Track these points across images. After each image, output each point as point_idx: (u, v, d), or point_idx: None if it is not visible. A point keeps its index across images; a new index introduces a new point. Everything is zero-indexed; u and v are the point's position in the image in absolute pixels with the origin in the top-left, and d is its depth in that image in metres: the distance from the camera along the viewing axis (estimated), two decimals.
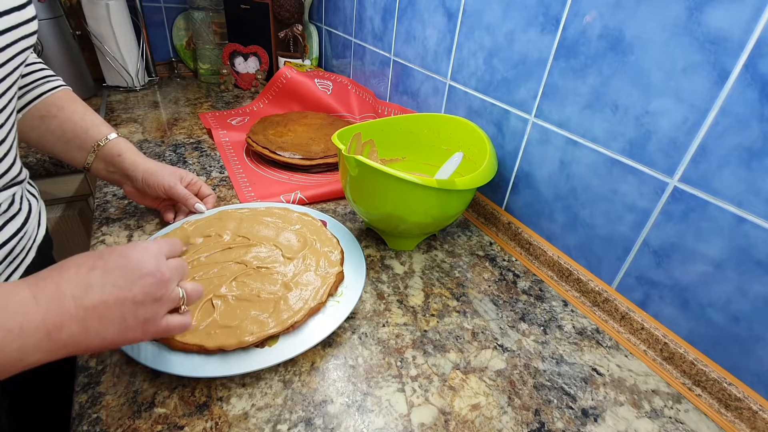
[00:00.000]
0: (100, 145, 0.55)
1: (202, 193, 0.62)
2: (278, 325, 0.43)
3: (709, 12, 0.39)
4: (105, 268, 0.30)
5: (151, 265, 0.32)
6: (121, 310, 0.30)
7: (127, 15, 1.05)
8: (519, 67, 0.60)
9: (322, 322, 0.45)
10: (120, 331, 0.30)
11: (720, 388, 0.43)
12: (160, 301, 0.32)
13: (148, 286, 0.31)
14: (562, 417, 0.41)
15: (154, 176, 0.56)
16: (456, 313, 0.52)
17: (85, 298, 0.28)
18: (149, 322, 0.32)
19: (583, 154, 0.53)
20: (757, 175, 0.38)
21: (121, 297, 0.30)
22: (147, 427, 0.36)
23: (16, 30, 0.36)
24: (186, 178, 0.60)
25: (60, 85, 0.55)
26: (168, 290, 0.33)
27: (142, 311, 0.31)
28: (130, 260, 0.31)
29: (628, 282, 0.51)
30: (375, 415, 0.39)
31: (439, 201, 0.53)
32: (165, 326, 0.33)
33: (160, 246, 0.35)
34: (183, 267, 0.36)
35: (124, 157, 0.56)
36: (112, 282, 0.30)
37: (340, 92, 1.00)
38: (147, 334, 0.32)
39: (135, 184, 0.57)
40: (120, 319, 0.30)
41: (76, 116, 0.54)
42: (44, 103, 0.52)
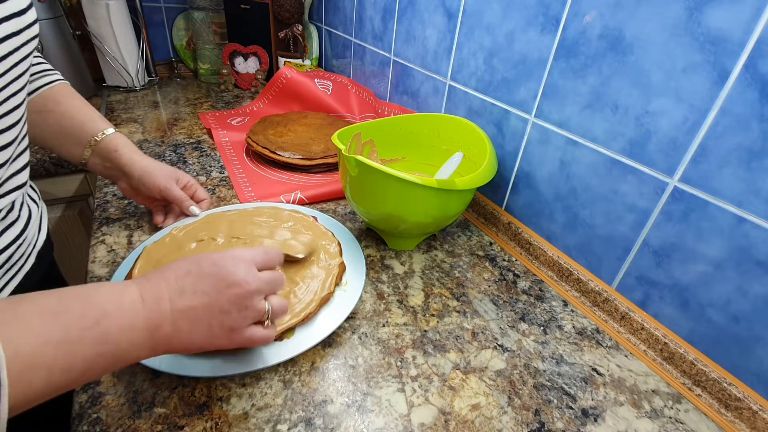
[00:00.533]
0: (96, 140, 0.54)
1: (198, 197, 0.61)
2: (293, 317, 0.43)
3: (709, 12, 0.39)
4: (198, 275, 0.32)
5: (240, 276, 0.33)
6: (208, 316, 0.31)
7: (127, 15, 1.05)
8: (519, 67, 0.60)
9: (323, 321, 0.45)
10: (207, 336, 0.32)
11: (720, 388, 0.43)
12: (246, 311, 0.33)
13: (234, 296, 0.32)
14: (562, 417, 0.41)
15: (151, 176, 0.56)
16: (456, 313, 0.52)
17: (178, 302, 0.31)
18: (234, 330, 0.33)
19: (583, 154, 0.53)
20: (757, 175, 0.38)
21: (208, 304, 0.31)
22: (147, 427, 0.36)
23: (19, 35, 0.35)
24: (182, 179, 0.59)
25: (58, 79, 0.54)
26: (253, 302, 0.33)
27: (228, 320, 0.32)
28: (221, 269, 0.32)
29: (628, 282, 0.51)
30: (375, 415, 0.39)
31: (439, 201, 0.53)
32: (249, 337, 0.34)
33: (254, 255, 0.35)
34: (275, 280, 0.36)
35: (120, 153, 0.55)
36: (202, 289, 0.31)
37: (340, 92, 1.00)
38: (232, 342, 0.34)
39: (131, 181, 0.56)
40: (207, 325, 0.32)
41: (73, 110, 0.54)
42: (41, 96, 0.51)
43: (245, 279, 0.33)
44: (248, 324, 0.34)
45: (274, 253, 0.38)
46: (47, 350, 0.24)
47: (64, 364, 0.25)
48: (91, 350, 0.26)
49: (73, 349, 0.25)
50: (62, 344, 0.25)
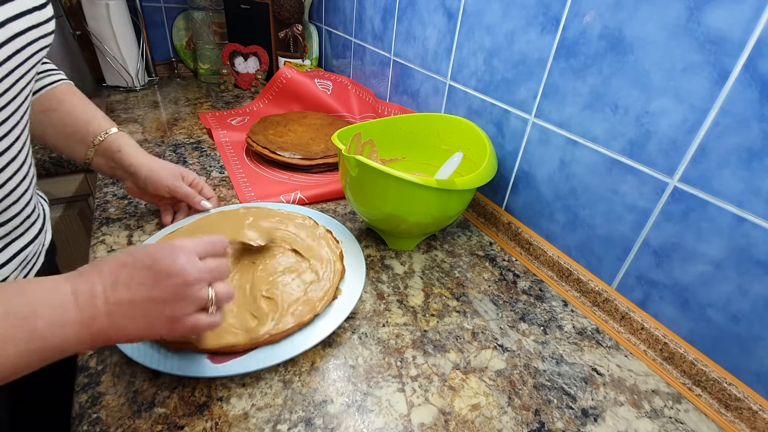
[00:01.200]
0: (99, 140, 0.54)
1: (204, 194, 0.61)
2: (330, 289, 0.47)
3: (709, 12, 0.39)
4: (134, 266, 0.31)
5: (178, 266, 0.32)
6: (144, 308, 0.31)
7: (127, 15, 1.05)
8: (519, 67, 0.60)
9: (323, 321, 0.45)
10: (146, 327, 0.32)
11: (720, 388, 0.43)
12: (185, 301, 0.32)
13: (172, 287, 0.32)
14: (562, 417, 0.41)
15: (157, 175, 0.56)
16: (456, 313, 0.52)
17: (112, 295, 0.30)
18: (175, 320, 0.32)
19: (583, 154, 0.53)
20: (757, 175, 0.38)
21: (144, 296, 0.31)
22: (147, 427, 0.36)
23: (35, 30, 0.36)
24: (188, 177, 0.59)
25: (61, 78, 0.54)
26: (193, 291, 0.33)
27: (168, 310, 0.32)
28: (158, 260, 0.32)
29: (628, 282, 0.51)
30: (375, 415, 0.39)
31: (439, 201, 0.53)
32: (192, 325, 0.33)
33: (196, 245, 0.35)
34: (218, 268, 0.35)
35: (124, 152, 0.55)
36: (138, 281, 0.31)
37: (340, 92, 1.00)
38: (175, 331, 0.33)
39: (137, 181, 0.57)
40: (144, 317, 0.31)
41: (76, 110, 0.54)
42: (45, 96, 0.51)
43: (184, 268, 0.32)
44: (190, 312, 0.33)
45: (218, 241, 0.37)
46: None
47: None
48: (20, 347, 0.26)
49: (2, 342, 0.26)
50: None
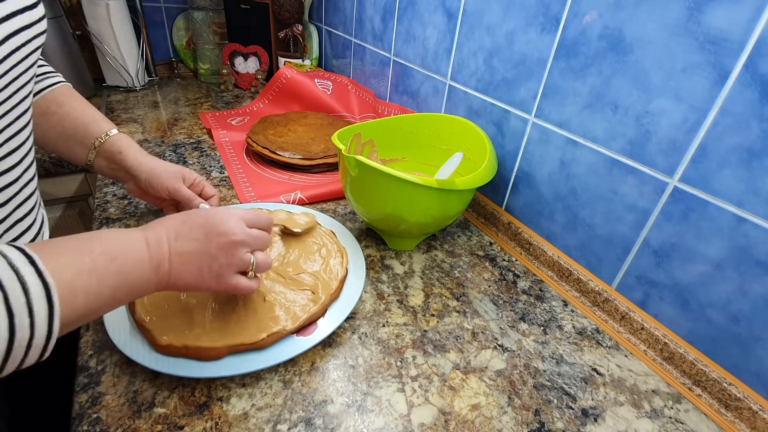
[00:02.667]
0: (100, 142, 0.54)
1: (206, 194, 0.61)
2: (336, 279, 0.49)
3: (709, 12, 0.39)
4: (192, 224, 0.37)
5: (227, 227, 0.37)
6: (198, 259, 0.36)
7: (127, 15, 1.05)
8: (519, 67, 0.60)
9: (323, 321, 0.45)
10: (197, 276, 0.36)
11: (720, 388, 0.43)
12: (232, 258, 0.37)
13: (222, 244, 0.36)
14: (562, 417, 0.41)
15: (158, 177, 0.56)
16: (456, 313, 0.52)
17: (174, 245, 0.35)
18: (221, 276, 0.37)
19: (583, 154, 0.53)
20: (757, 175, 0.38)
21: (198, 249, 0.36)
22: (147, 427, 0.36)
23: (29, 29, 0.36)
24: (189, 177, 0.59)
25: (59, 81, 0.54)
26: (239, 251, 0.37)
27: (215, 264, 0.36)
28: (212, 219, 0.37)
29: (628, 282, 0.51)
30: (375, 415, 0.39)
31: (439, 201, 0.53)
32: (235, 283, 0.38)
33: (245, 213, 0.40)
34: (262, 237, 0.40)
35: (125, 154, 0.55)
36: (194, 236, 0.36)
37: (340, 92, 1.00)
38: (219, 285, 0.37)
39: (138, 183, 0.57)
40: (197, 267, 0.36)
41: (76, 112, 0.54)
42: (44, 99, 0.51)
43: (233, 230, 0.37)
44: (234, 271, 0.38)
45: (264, 216, 0.42)
46: (82, 278, 0.29)
47: (96, 290, 0.30)
48: (114, 279, 0.31)
49: (100, 278, 0.30)
50: (92, 273, 0.29)
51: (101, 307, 0.31)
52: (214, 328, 0.42)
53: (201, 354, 0.40)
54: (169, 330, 0.41)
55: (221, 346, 0.40)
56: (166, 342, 0.40)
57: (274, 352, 0.41)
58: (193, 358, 0.40)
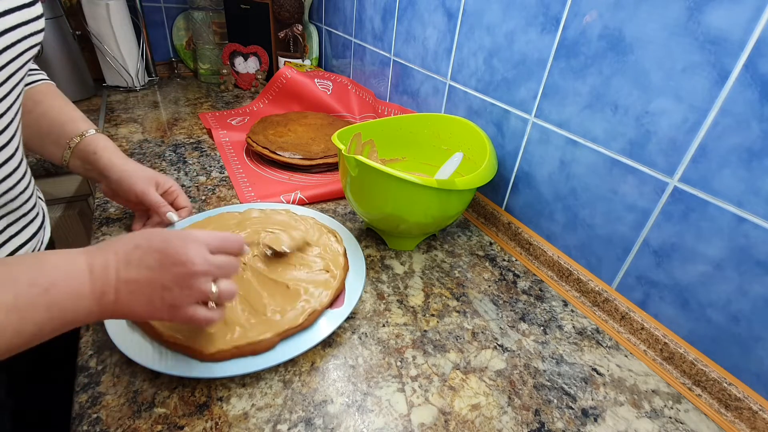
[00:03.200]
0: (75, 142, 0.53)
1: (178, 204, 0.58)
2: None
3: (709, 12, 0.39)
4: (146, 249, 0.33)
5: (186, 255, 0.33)
6: (149, 290, 0.32)
7: (127, 15, 1.05)
8: (519, 67, 0.60)
9: (323, 321, 0.45)
10: (147, 308, 0.33)
11: (720, 388, 0.43)
12: (188, 290, 0.33)
13: (177, 275, 0.33)
14: (562, 417, 0.41)
15: (129, 180, 0.54)
16: (456, 313, 0.52)
17: (123, 272, 0.32)
18: (175, 307, 0.33)
19: (583, 154, 0.53)
20: (757, 175, 0.38)
21: (150, 278, 0.32)
22: (147, 427, 0.36)
23: (24, 27, 0.36)
24: (164, 184, 0.57)
25: (41, 79, 0.53)
26: (198, 282, 0.34)
27: (169, 296, 0.33)
28: (169, 247, 0.33)
29: (628, 282, 0.51)
30: (375, 415, 0.39)
31: (439, 201, 0.53)
32: (191, 315, 0.34)
33: (211, 238, 0.36)
34: (227, 265, 0.36)
35: (99, 155, 0.53)
36: (147, 263, 0.32)
37: (340, 92, 1.00)
38: (174, 318, 0.34)
39: (109, 184, 0.55)
40: (147, 298, 0.33)
41: (53, 111, 0.52)
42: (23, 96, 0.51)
43: (191, 259, 0.33)
44: (191, 302, 0.34)
45: (234, 239, 0.38)
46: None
47: (16, 328, 0.27)
48: (41, 315, 0.28)
49: (23, 315, 0.27)
50: (13, 311, 0.27)
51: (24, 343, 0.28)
52: (254, 323, 0.43)
53: (256, 348, 0.41)
54: (208, 338, 0.41)
55: (272, 336, 0.41)
56: (216, 349, 0.40)
57: (274, 352, 0.41)
58: (248, 354, 0.40)
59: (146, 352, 0.40)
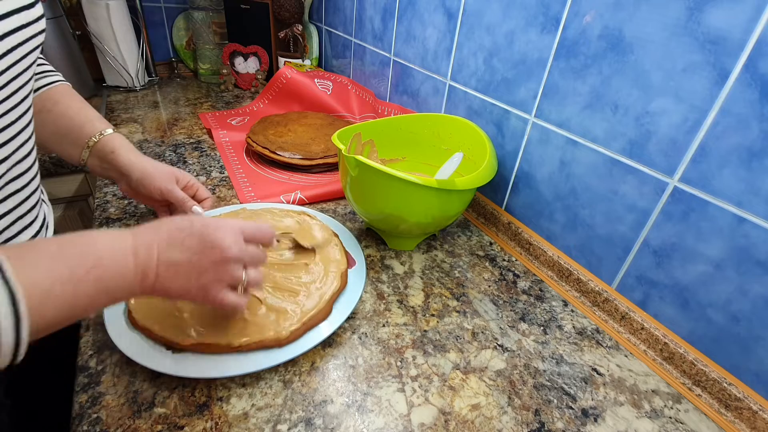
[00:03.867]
0: (94, 141, 0.54)
1: (199, 196, 0.60)
2: None
3: (709, 12, 0.39)
4: (188, 232, 0.35)
5: (223, 241, 0.35)
6: (187, 271, 0.34)
7: (127, 15, 1.05)
8: (519, 67, 0.60)
9: (323, 321, 0.45)
10: (184, 288, 0.35)
11: (720, 388, 0.43)
12: (222, 274, 0.36)
13: (214, 259, 0.35)
14: (562, 417, 0.41)
15: (150, 178, 0.55)
16: (456, 313, 0.52)
17: (163, 254, 0.34)
18: (208, 289, 0.35)
19: (583, 154, 0.53)
20: (757, 175, 0.38)
21: (189, 260, 0.34)
22: (147, 427, 0.36)
23: (25, 29, 0.36)
24: (183, 179, 0.58)
25: (58, 80, 0.54)
26: (231, 267, 0.36)
27: (204, 278, 0.35)
28: (209, 231, 0.35)
29: (628, 282, 0.51)
30: (375, 415, 0.39)
31: (439, 201, 0.53)
32: (221, 299, 0.36)
33: (246, 227, 0.38)
34: (258, 255, 0.39)
35: (117, 154, 0.54)
36: (188, 245, 0.34)
37: (340, 92, 1.00)
38: (206, 299, 0.36)
39: (129, 183, 0.56)
40: (185, 278, 0.34)
41: (71, 111, 0.54)
42: (40, 97, 0.51)
43: (228, 245, 0.35)
44: (222, 287, 0.36)
45: (267, 230, 0.40)
46: (56, 287, 0.28)
47: (71, 299, 0.29)
48: (91, 288, 0.30)
49: (76, 287, 0.29)
50: (68, 282, 0.29)
51: (76, 314, 0.30)
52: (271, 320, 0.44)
53: (281, 342, 0.42)
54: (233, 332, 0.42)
55: (296, 327, 0.43)
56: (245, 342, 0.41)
57: (274, 352, 0.41)
58: (271, 347, 0.42)
59: (146, 352, 0.40)
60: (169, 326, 0.41)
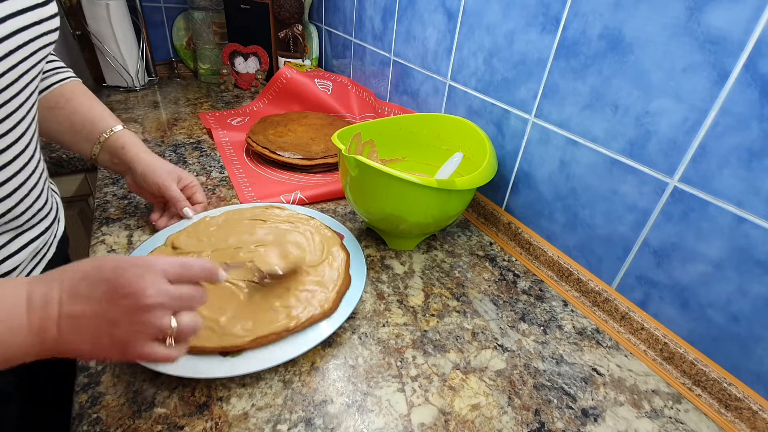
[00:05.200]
0: (105, 137, 0.56)
1: (195, 199, 0.60)
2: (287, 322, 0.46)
3: (709, 12, 0.39)
4: (95, 279, 0.30)
5: (140, 287, 0.29)
6: (94, 325, 0.29)
7: (127, 15, 1.05)
8: (519, 67, 0.60)
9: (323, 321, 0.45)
10: (94, 346, 0.30)
11: (720, 388, 0.43)
12: (140, 326, 0.30)
13: (127, 308, 0.29)
14: (562, 417, 0.41)
15: (152, 173, 0.56)
16: (456, 313, 0.52)
17: (66, 306, 0.29)
18: (127, 344, 0.30)
19: (583, 154, 0.53)
20: (757, 175, 0.38)
21: (95, 312, 0.29)
22: (147, 427, 0.36)
23: (37, 26, 0.36)
24: (184, 179, 0.59)
25: (69, 76, 0.56)
26: (151, 317, 0.30)
27: (118, 332, 0.29)
28: (120, 276, 0.29)
29: (628, 282, 0.51)
30: (375, 415, 0.39)
31: (439, 201, 0.53)
32: (147, 353, 0.30)
33: (169, 266, 0.32)
34: (188, 295, 0.32)
35: (126, 149, 0.56)
36: (94, 295, 0.29)
37: (340, 92, 1.00)
38: (126, 356, 0.30)
39: (135, 177, 0.58)
40: (93, 335, 0.29)
41: (83, 108, 0.55)
42: (53, 94, 0.53)
43: (144, 290, 0.29)
44: (145, 340, 0.30)
45: (197, 264, 0.33)
46: None
47: None
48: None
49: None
50: None
51: None
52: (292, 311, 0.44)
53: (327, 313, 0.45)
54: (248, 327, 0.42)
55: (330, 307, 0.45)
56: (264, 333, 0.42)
57: (274, 352, 0.41)
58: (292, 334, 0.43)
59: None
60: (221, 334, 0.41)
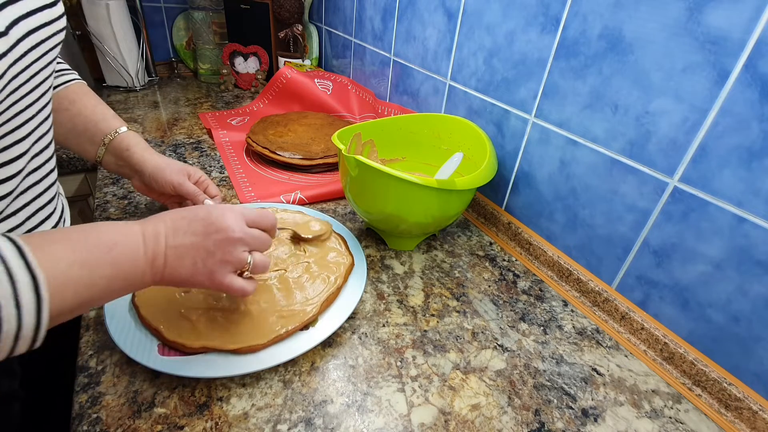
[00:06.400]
0: (109, 139, 0.56)
1: (209, 192, 0.61)
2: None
3: (709, 12, 0.39)
4: (192, 218, 0.36)
5: (226, 224, 0.37)
6: (193, 254, 0.35)
7: (127, 15, 1.05)
8: (519, 67, 0.60)
9: (323, 321, 0.45)
10: (191, 272, 0.36)
11: (720, 388, 0.43)
12: (228, 256, 0.37)
13: (219, 240, 0.36)
14: (562, 417, 0.41)
15: (162, 173, 0.56)
16: (456, 313, 0.52)
17: (171, 239, 0.35)
18: (215, 273, 0.36)
19: (583, 154, 0.53)
20: (757, 175, 0.38)
21: (195, 243, 0.36)
22: (147, 427, 0.36)
23: (47, 27, 0.36)
24: (194, 175, 0.60)
25: (74, 78, 0.55)
26: (236, 249, 0.37)
27: (210, 261, 0.36)
28: (211, 215, 0.37)
29: (628, 282, 0.51)
30: (375, 415, 0.39)
31: (439, 201, 0.53)
32: (228, 283, 0.37)
33: (247, 212, 0.39)
34: (262, 238, 0.40)
35: (132, 151, 0.56)
36: (192, 229, 0.36)
37: (340, 92, 1.00)
38: (213, 283, 0.37)
39: (143, 178, 0.57)
40: (192, 262, 0.35)
41: (87, 110, 0.55)
42: (57, 96, 0.52)
43: (231, 227, 0.37)
44: (228, 270, 0.37)
45: (268, 216, 0.41)
46: (74, 270, 0.29)
47: (88, 282, 0.30)
48: (108, 271, 0.31)
49: (93, 271, 0.30)
50: (85, 265, 0.30)
51: (94, 299, 0.31)
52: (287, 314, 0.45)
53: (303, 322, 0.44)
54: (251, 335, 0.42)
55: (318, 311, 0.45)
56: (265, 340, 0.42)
57: (274, 352, 0.41)
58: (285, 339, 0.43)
59: (146, 352, 0.40)
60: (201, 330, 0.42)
